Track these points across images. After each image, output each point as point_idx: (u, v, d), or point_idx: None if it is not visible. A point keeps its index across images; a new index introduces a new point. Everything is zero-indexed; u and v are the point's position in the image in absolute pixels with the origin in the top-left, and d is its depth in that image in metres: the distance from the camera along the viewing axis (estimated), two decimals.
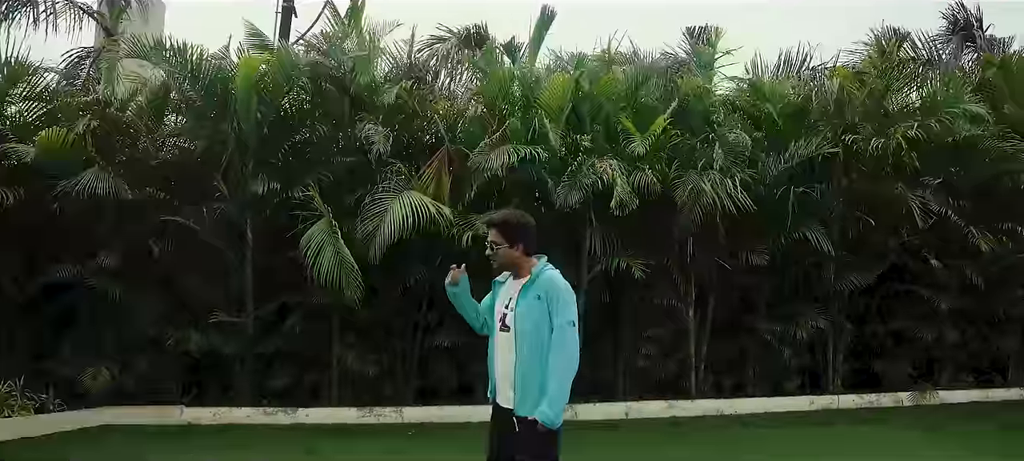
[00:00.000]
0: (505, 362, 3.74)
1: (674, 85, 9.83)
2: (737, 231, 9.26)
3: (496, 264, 3.81)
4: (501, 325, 3.79)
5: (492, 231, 3.86)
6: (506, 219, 3.93)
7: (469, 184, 8.87)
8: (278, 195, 8.59)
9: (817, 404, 9.77)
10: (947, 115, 9.54)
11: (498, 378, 3.83)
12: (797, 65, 11.49)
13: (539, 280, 3.70)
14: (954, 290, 9.77)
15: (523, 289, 3.71)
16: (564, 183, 8.39)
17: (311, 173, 8.69)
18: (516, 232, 3.82)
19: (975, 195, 9.88)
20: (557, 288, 3.67)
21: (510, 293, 3.81)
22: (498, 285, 3.97)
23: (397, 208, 8.09)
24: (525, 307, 3.67)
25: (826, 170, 9.47)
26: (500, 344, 3.81)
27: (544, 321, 3.63)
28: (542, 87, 9.50)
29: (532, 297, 3.66)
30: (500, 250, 3.80)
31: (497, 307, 3.88)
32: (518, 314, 3.68)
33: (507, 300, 3.80)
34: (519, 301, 3.70)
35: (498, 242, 3.80)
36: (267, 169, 8.67)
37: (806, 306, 9.55)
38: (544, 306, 3.65)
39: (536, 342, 3.62)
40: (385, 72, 9.78)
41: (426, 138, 9.61)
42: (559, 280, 3.73)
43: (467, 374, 9.52)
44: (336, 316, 8.96)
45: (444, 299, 9.14)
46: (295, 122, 9.20)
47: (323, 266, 7.92)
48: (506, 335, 3.75)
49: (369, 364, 9.01)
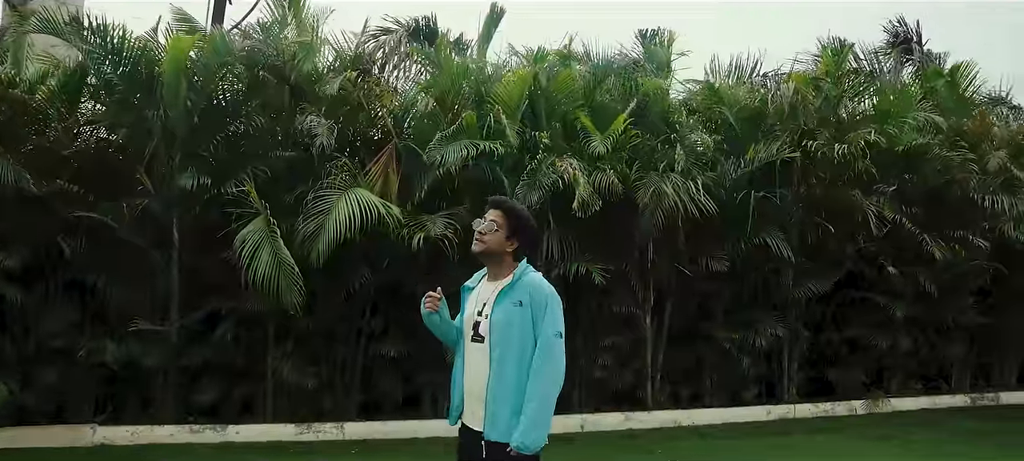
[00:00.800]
0: (477, 377, 3.21)
1: (633, 84, 9.54)
2: (697, 236, 9.01)
3: (480, 249, 3.26)
4: (473, 334, 3.25)
5: (495, 211, 3.31)
6: (516, 206, 3.42)
7: (419, 182, 8.34)
8: (209, 190, 7.81)
9: (774, 414, 9.60)
10: (899, 124, 9.59)
11: (467, 396, 3.29)
12: (748, 71, 11.43)
13: (521, 283, 3.21)
14: (908, 297, 9.76)
15: (501, 293, 3.20)
16: (523, 182, 7.92)
17: (246, 167, 7.95)
18: (520, 225, 3.32)
19: (926, 202, 9.92)
20: (543, 293, 3.18)
21: (483, 297, 3.28)
22: (466, 291, 3.43)
23: (342, 206, 7.48)
24: (503, 314, 3.16)
25: (785, 175, 9.31)
26: (471, 357, 3.26)
27: (526, 330, 3.13)
28: (496, 82, 9.11)
29: (512, 302, 3.16)
30: (495, 236, 3.27)
31: (467, 314, 3.33)
32: (494, 322, 3.16)
33: (480, 305, 3.27)
34: (496, 306, 3.19)
35: (498, 225, 3.27)
36: (197, 162, 7.90)
37: (765, 313, 9.35)
38: (527, 313, 3.14)
39: (516, 354, 3.12)
40: (329, 62, 9.12)
41: (372, 133, 9.02)
42: (545, 284, 3.24)
43: (414, 386, 8.97)
44: (272, 323, 8.26)
45: (389, 304, 8.62)
46: (229, 112, 8.44)
47: (259, 268, 7.23)
48: (479, 346, 3.22)
49: (307, 376, 8.31)
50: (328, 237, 7.35)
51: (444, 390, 8.79)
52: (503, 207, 3.35)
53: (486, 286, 3.33)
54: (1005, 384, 11.24)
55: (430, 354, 8.56)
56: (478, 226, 3.30)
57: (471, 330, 3.28)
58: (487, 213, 3.32)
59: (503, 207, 3.35)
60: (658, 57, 10.57)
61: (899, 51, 12.15)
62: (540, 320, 3.15)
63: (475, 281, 3.44)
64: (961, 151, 9.98)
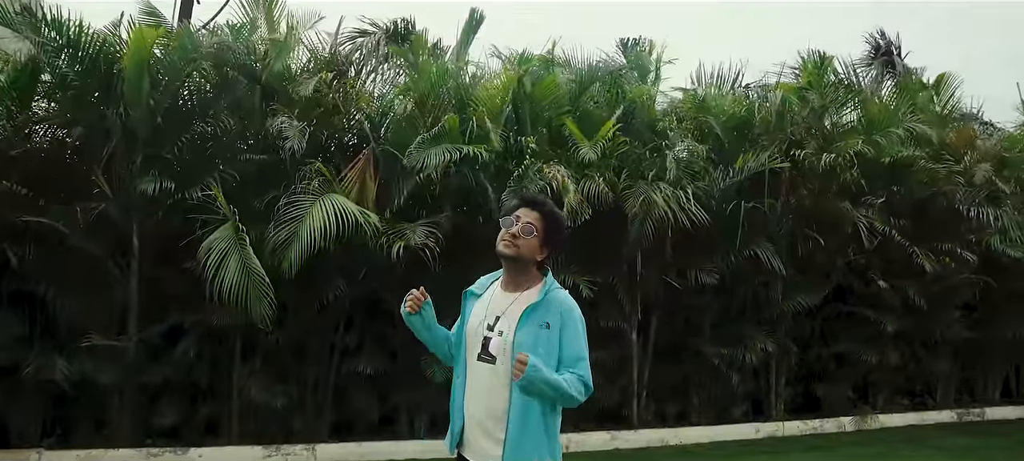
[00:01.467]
0: (488, 403, 2.83)
1: (619, 91, 9.27)
2: (686, 248, 8.72)
3: (512, 253, 2.87)
4: (482, 352, 2.86)
5: (532, 212, 2.92)
6: (555, 210, 3.01)
7: (398, 189, 7.91)
8: (173, 195, 7.27)
9: (763, 432, 9.31)
10: (886, 134, 9.46)
11: (469, 422, 2.90)
12: (730, 81, 11.27)
13: (550, 301, 2.84)
14: (897, 311, 9.58)
15: (528, 312, 2.82)
16: (510, 189, 7.53)
17: (213, 171, 7.44)
18: (556, 230, 2.95)
19: (913, 215, 9.78)
20: (574, 315, 2.84)
21: (497, 309, 2.89)
22: (471, 297, 3.03)
23: (317, 213, 7.01)
24: (531, 335, 2.77)
25: (773, 186, 9.09)
26: (477, 378, 2.88)
27: (552, 354, 2.77)
28: (478, 86, 8.76)
29: (539, 324, 2.80)
30: (529, 242, 2.89)
31: (472, 326, 2.93)
32: (518, 343, 2.77)
33: (492, 318, 2.88)
34: (521, 327, 2.80)
35: (536, 230, 2.89)
36: (160, 164, 7.36)
37: (754, 328, 9.06)
38: (553, 336, 2.78)
39: None
40: (303, 63, 8.67)
41: (348, 138, 8.59)
42: (574, 304, 2.88)
43: (390, 405, 8.49)
44: (238, 338, 7.76)
45: (364, 318, 8.13)
46: (196, 112, 7.92)
47: (226, 279, 6.72)
48: (489, 367, 2.84)
49: (276, 394, 7.79)
50: (301, 246, 6.88)
51: (422, 409, 8.36)
52: (543, 209, 2.95)
53: (500, 296, 2.93)
54: (989, 399, 11.14)
55: (408, 371, 8.14)
56: (510, 226, 2.91)
57: (481, 348, 2.88)
58: (519, 212, 2.93)
59: (543, 209, 2.95)
60: (641, 65, 10.35)
61: (881, 63, 12.08)
62: (567, 344, 2.80)
63: (482, 287, 3.04)
64: (946, 163, 9.88)
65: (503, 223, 2.92)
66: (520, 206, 2.95)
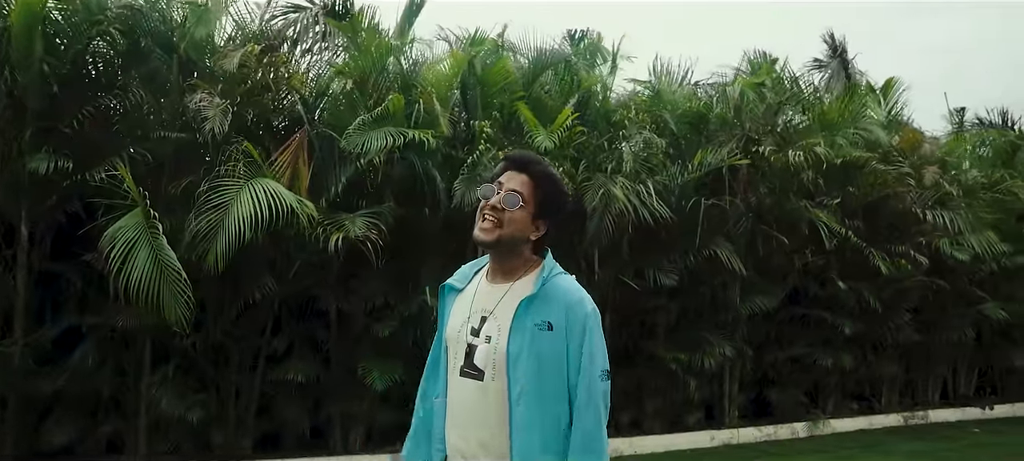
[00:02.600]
0: (478, 433, 2.15)
1: (574, 79, 8.75)
2: (644, 246, 8.25)
3: (492, 238, 2.16)
4: (466, 365, 2.16)
5: (519, 175, 2.19)
6: (549, 169, 2.25)
7: (335, 176, 7.14)
8: (71, 176, 6.27)
9: (718, 439, 8.92)
10: (844, 134, 9.29)
11: (454, 457, 2.21)
12: (679, 78, 10.96)
13: (550, 292, 2.14)
14: (852, 313, 9.39)
15: (523, 307, 2.12)
16: (463, 177, 6.86)
17: (121, 150, 6.48)
18: (554, 197, 2.22)
19: (865, 216, 9.63)
20: (584, 310, 2.13)
21: (482, 305, 2.20)
22: (451, 293, 2.32)
23: (245, 200, 6.16)
24: (527, 337, 2.09)
25: (732, 184, 8.73)
26: (462, 399, 2.19)
27: (559, 364, 2.09)
28: (423, 67, 8.08)
29: (538, 323, 2.10)
30: (518, 215, 2.16)
31: (453, 329, 2.24)
32: (514, 355, 2.10)
33: (477, 319, 2.19)
34: (515, 329, 2.11)
35: (524, 198, 2.16)
36: (55, 140, 6.35)
37: (712, 331, 8.67)
38: (559, 339, 2.10)
39: (552, 401, 2.09)
40: (229, 35, 7.76)
41: (278, 121, 7.74)
42: (585, 295, 2.18)
43: (321, 416, 7.68)
44: (148, 342, 6.82)
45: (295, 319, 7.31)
46: (101, 82, 6.92)
47: (134, 273, 5.79)
48: (476, 385, 2.15)
49: (192, 406, 6.87)
50: (227, 236, 6.01)
51: (359, 421, 7.60)
52: (534, 170, 2.21)
53: (486, 289, 2.24)
54: (929, 401, 11.15)
55: (343, 379, 7.38)
56: (490, 197, 2.18)
57: (461, 356, 2.18)
58: (503, 177, 2.20)
59: (534, 170, 2.21)
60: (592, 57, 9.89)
61: (838, 62, 12.01)
62: (579, 350, 2.10)
63: (463, 279, 2.33)
64: (896, 165, 9.79)
65: (481, 193, 2.20)
66: (504, 170, 2.22)
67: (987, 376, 11.90)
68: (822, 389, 10.19)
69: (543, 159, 2.27)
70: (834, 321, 9.16)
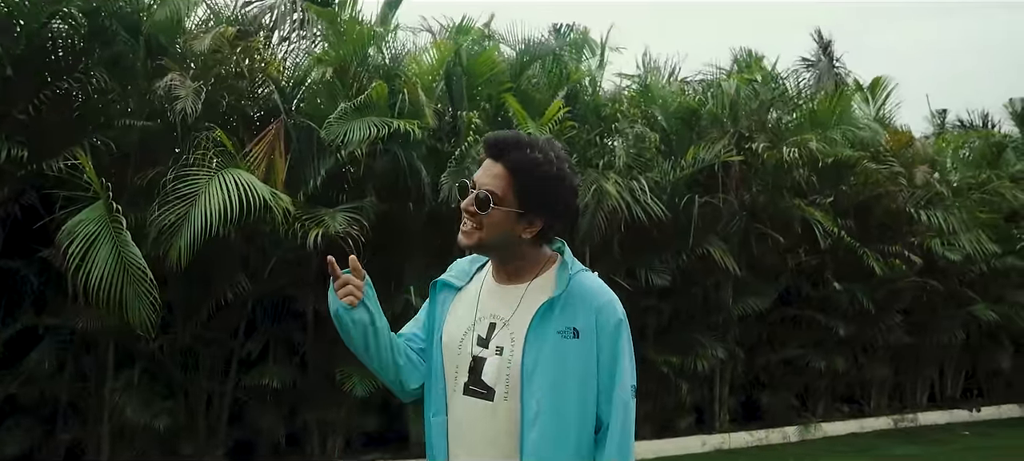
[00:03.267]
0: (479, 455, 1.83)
1: (562, 72, 8.44)
2: (636, 245, 7.96)
3: (471, 242, 1.84)
4: (472, 382, 1.84)
5: (494, 165, 1.84)
6: (532, 154, 1.83)
7: (313, 168, 6.75)
8: (25, 166, 5.81)
9: (709, 444, 8.66)
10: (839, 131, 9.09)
11: None
12: (666, 74, 10.73)
13: (576, 293, 1.82)
14: (846, 314, 9.18)
15: (544, 310, 1.80)
16: (450, 170, 6.50)
17: (82, 138, 6.02)
18: (539, 187, 1.83)
19: (857, 215, 9.45)
20: (615, 314, 1.83)
21: (493, 311, 1.87)
22: (448, 290, 1.98)
23: (215, 191, 5.74)
24: (548, 347, 1.78)
25: (725, 182, 8.48)
26: (467, 420, 1.86)
27: (587, 376, 1.78)
28: (407, 56, 7.72)
29: (561, 331, 1.79)
30: (493, 216, 1.81)
31: (452, 336, 1.90)
32: (528, 366, 1.78)
33: (485, 326, 1.86)
34: (532, 338, 1.79)
35: (499, 192, 1.81)
36: (9, 126, 5.88)
37: (704, 333, 8.40)
38: (587, 347, 1.78)
39: (569, 423, 1.78)
40: (201, 19, 7.31)
41: (254, 110, 7.32)
42: (614, 297, 1.86)
43: (298, 421, 7.27)
44: (111, 346, 6.38)
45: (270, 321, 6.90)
46: (61, 66, 6.44)
47: (96, 271, 5.35)
48: (484, 405, 1.82)
49: (159, 413, 6.45)
50: (194, 231, 5.59)
51: (337, 428, 7.21)
52: (509, 157, 1.83)
53: (494, 290, 1.90)
54: (917, 403, 11.00)
55: (321, 384, 6.98)
56: (464, 197, 1.86)
57: (464, 371, 1.85)
58: (480, 169, 1.86)
59: (509, 157, 1.83)
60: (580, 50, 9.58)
61: (828, 59, 11.86)
62: (612, 362, 1.80)
63: (462, 275, 1.99)
64: (888, 164, 9.62)
65: (459, 194, 1.90)
66: (484, 156, 1.89)
67: (973, 378, 11.81)
68: (812, 392, 10.00)
69: (528, 137, 1.87)
70: (827, 322, 8.95)
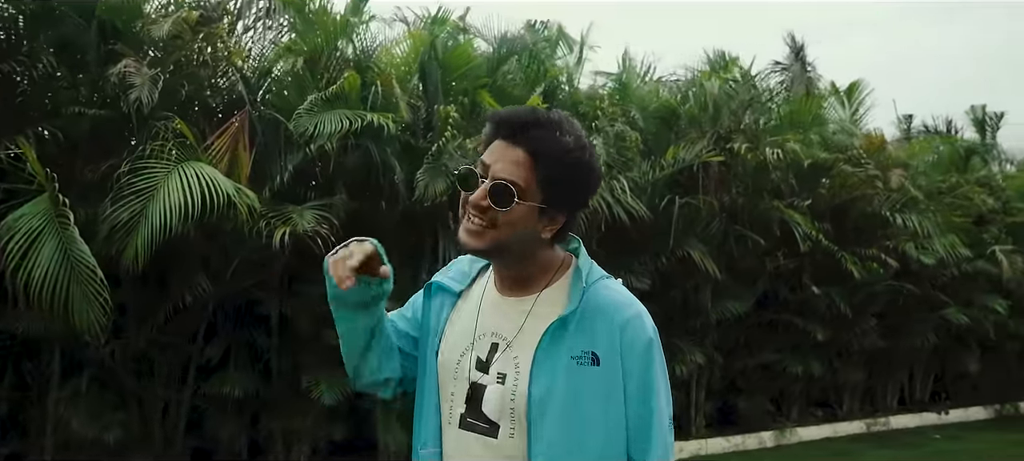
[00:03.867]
0: None
1: (540, 68, 8.19)
2: (615, 246, 7.71)
3: (482, 244, 1.51)
4: (470, 414, 1.55)
5: (512, 149, 1.49)
6: (559, 134, 1.50)
7: (280, 164, 6.37)
8: None
9: (686, 451, 8.47)
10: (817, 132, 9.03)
11: None
12: (641, 73, 10.57)
13: (595, 308, 1.52)
14: (823, 318, 9.09)
15: (554, 330, 1.50)
16: (427, 166, 6.17)
17: (26, 126, 5.56)
18: (570, 174, 1.51)
19: (833, 218, 9.38)
20: (650, 335, 1.53)
21: (495, 327, 1.57)
22: (445, 295, 1.67)
23: (174, 185, 5.33)
24: (560, 375, 1.48)
25: (705, 183, 8.31)
26: (463, 455, 1.55)
27: (612, 407, 1.49)
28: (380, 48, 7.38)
29: (576, 353, 1.50)
30: (514, 214, 1.48)
31: (447, 356, 1.60)
32: (535, 398, 1.48)
33: (486, 345, 1.56)
34: (543, 356, 1.50)
35: (522, 182, 1.47)
36: None
37: (682, 337, 8.21)
38: (611, 376, 1.49)
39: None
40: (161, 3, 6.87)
41: (217, 101, 6.92)
42: (644, 312, 1.55)
43: (261, 431, 6.90)
44: (56, 352, 5.91)
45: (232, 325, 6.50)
46: (2, 48, 5.95)
47: (38, 270, 4.92)
48: (486, 443, 1.53)
49: (110, 425, 6.00)
50: (151, 228, 5.18)
51: (302, 438, 6.83)
52: (531, 136, 1.49)
53: (496, 303, 1.60)
54: (888, 407, 11.01)
55: (285, 392, 6.61)
56: (472, 188, 1.50)
57: (461, 401, 1.56)
58: (490, 153, 1.51)
59: (531, 136, 1.49)
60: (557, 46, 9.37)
61: (800, 63, 11.82)
62: (643, 392, 1.51)
63: (461, 278, 1.68)
64: (863, 167, 9.58)
65: (461, 185, 1.54)
66: (491, 137, 1.53)
67: (941, 381, 11.88)
68: (787, 396, 9.90)
69: (547, 115, 1.53)
70: (805, 326, 8.85)
